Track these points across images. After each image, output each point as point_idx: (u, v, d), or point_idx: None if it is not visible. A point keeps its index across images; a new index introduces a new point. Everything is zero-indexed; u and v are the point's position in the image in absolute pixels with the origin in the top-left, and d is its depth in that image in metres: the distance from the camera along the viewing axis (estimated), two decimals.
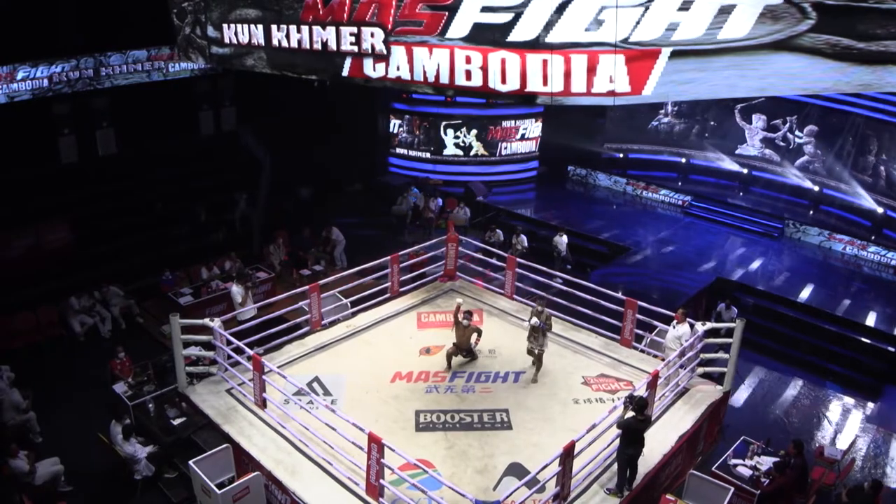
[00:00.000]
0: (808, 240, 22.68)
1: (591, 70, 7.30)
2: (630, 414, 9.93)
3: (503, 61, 7.88)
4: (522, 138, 27.39)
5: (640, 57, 6.94)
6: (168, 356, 13.02)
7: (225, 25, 10.81)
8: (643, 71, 6.96)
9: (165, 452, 11.82)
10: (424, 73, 8.75)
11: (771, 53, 5.87)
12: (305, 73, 9.94)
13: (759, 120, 25.42)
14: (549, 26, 7.41)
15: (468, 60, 8.18)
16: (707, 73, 6.16)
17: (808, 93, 6.06)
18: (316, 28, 9.07)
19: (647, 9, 6.75)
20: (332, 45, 8.96)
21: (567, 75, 7.50)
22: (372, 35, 8.31)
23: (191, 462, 10.49)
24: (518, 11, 7.54)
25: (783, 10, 5.75)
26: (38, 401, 13.25)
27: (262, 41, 10.13)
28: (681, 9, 6.50)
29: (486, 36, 7.90)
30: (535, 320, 12.84)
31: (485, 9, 7.79)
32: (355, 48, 8.61)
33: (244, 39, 10.48)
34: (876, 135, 22.57)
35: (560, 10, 7.28)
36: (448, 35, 8.22)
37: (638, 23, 6.85)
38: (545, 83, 7.66)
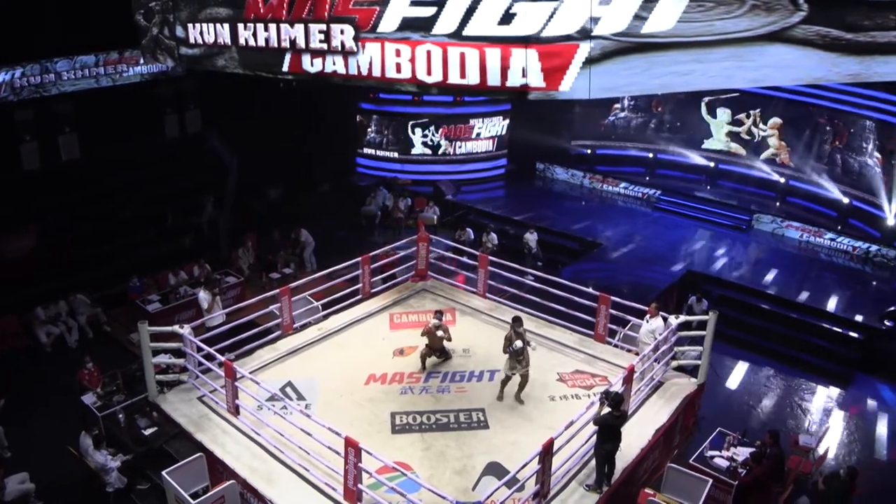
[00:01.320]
0: (762, 227, 23.18)
1: (505, 64, 7.41)
2: (606, 410, 9.91)
3: (428, 53, 8.08)
4: (478, 137, 27.22)
5: (554, 52, 7.01)
6: (137, 365, 12.71)
7: (190, 25, 10.60)
8: (559, 66, 7.03)
9: (137, 463, 11.55)
10: (358, 66, 8.92)
11: (765, 45, 5.96)
12: (280, 74, 9.82)
13: (723, 114, 25.67)
14: (465, 20, 7.56)
15: (398, 53, 8.38)
16: (706, 65, 6.20)
17: (802, 83, 6.15)
18: (284, 26, 8.98)
19: (560, 3, 6.85)
20: (301, 44, 8.86)
21: (482, 68, 7.62)
22: (342, 32, 8.21)
23: (164, 472, 10.23)
24: (440, 4, 7.72)
25: (776, 2, 5.86)
26: (5, 413, 12.93)
27: (228, 40, 9.96)
28: (602, 3, 6.57)
29: (414, 29, 8.13)
30: (518, 343, 11.90)
31: (413, 3, 8.02)
32: (325, 45, 8.50)
33: (210, 39, 10.29)
34: (838, 126, 22.91)
35: (475, 3, 7.44)
36: (379, 29, 8.45)
37: (551, 17, 6.94)
38: (462, 76, 7.82)
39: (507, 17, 7.20)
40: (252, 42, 9.47)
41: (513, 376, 12.10)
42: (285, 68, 9.83)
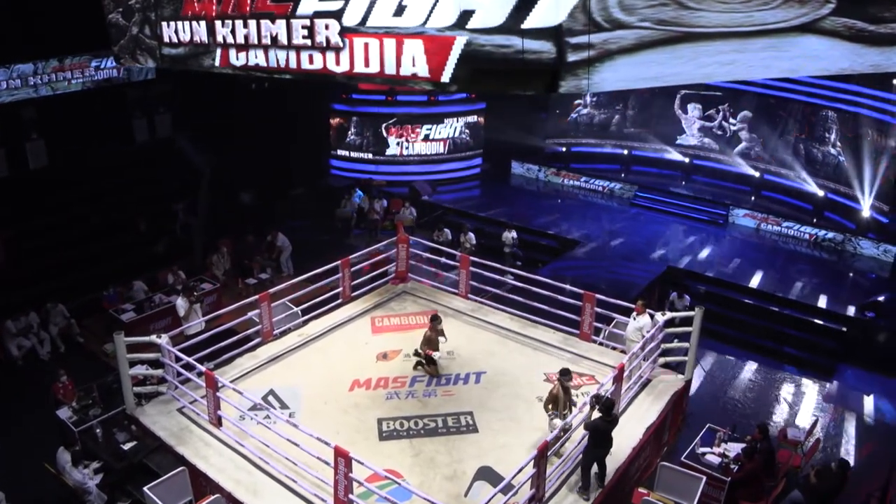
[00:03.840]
0: (738, 222, 23.39)
1: (399, 54, 7.73)
2: (597, 415, 9.78)
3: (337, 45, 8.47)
4: (426, 139, 26.94)
5: (436, 43, 7.29)
6: (113, 377, 12.32)
7: (164, 24, 10.30)
8: (441, 57, 7.27)
9: (117, 479, 11.17)
10: (277, 59, 9.23)
11: (798, 36, 6.17)
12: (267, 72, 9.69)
13: (694, 109, 25.78)
14: (368, 12, 7.88)
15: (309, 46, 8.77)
16: (746, 55, 6.36)
17: (830, 73, 6.55)
18: (265, 22, 8.82)
19: None
20: (283, 40, 8.68)
21: (381, 58, 7.95)
22: (326, 27, 8.05)
23: (145, 488, 9.91)
24: None
25: None
26: None
27: (205, 38, 9.68)
28: None
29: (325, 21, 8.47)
30: (556, 421, 10.37)
31: None
32: (308, 41, 8.36)
33: (185, 38, 10.01)
34: (809, 119, 23.11)
35: None
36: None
37: (432, 10, 7.19)
38: (366, 65, 8.14)
39: (399, 10, 7.52)
40: (237, 40, 9.28)
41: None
42: (217, 63, 10.10)
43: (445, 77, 7.25)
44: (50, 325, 16.45)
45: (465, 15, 6.89)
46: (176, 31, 10.12)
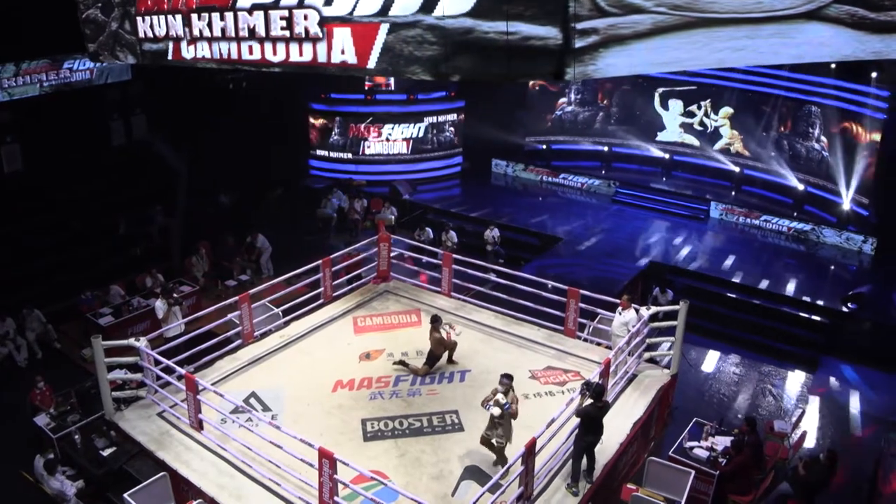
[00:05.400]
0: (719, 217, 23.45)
1: (329, 42, 7.93)
2: (588, 401, 9.66)
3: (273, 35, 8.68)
4: (388, 139, 26.67)
5: (362, 31, 7.51)
6: (92, 382, 12.07)
7: (139, 18, 10.09)
8: (366, 44, 7.49)
9: (97, 486, 10.91)
10: (220, 51, 9.42)
11: (805, 23, 6.27)
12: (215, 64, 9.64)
13: (676, 105, 25.81)
14: (301, 1, 8.08)
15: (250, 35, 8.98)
16: (756, 41, 6.47)
17: (835, 59, 6.69)
18: (242, 14, 8.71)
19: None
20: (261, 32, 8.53)
21: (314, 46, 8.15)
22: (305, 18, 7.93)
23: (125, 495, 9.65)
24: None
25: None
26: None
27: (180, 32, 9.51)
28: None
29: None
30: (495, 409, 9.81)
31: None
32: (287, 33, 8.24)
33: (161, 32, 9.83)
34: (789, 114, 23.21)
35: None
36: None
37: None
38: (300, 54, 8.36)
39: (328, 0, 7.75)
40: (214, 33, 9.21)
41: (490, 442, 10.17)
42: (170, 56, 10.28)
43: (371, 63, 7.52)
44: (27, 331, 16.08)
45: (387, 4, 7.17)
46: (151, 26, 9.96)
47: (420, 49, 7.05)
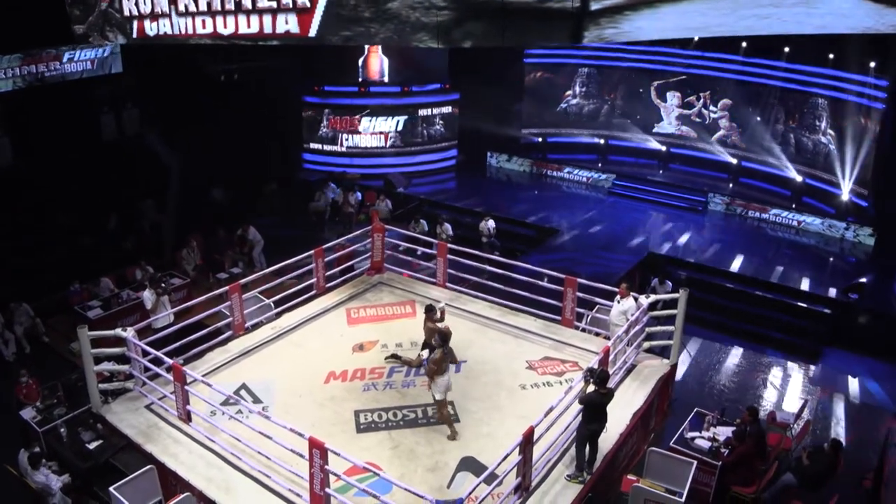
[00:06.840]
0: (717, 208, 23.29)
1: (275, 14, 8.67)
2: (591, 388, 9.39)
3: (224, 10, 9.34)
4: (366, 132, 26.41)
5: (303, 9, 8.62)
6: (78, 374, 11.74)
7: None
8: (307, 19, 8.53)
9: (83, 480, 10.61)
10: (180, 27, 9.97)
11: None
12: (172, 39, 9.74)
13: (673, 97, 25.59)
14: None
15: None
16: (781, 9, 6.64)
17: (857, 31, 6.69)
18: None
19: None
20: (248, 4, 8.34)
21: (260, 21, 8.85)
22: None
23: (111, 488, 9.35)
24: None
25: None
26: None
27: (165, 9, 9.31)
28: None
29: None
30: (424, 351, 11.10)
31: None
32: (274, 4, 8.06)
33: (146, 9, 9.62)
34: (788, 105, 23.02)
35: None
36: None
37: None
38: (248, 26, 9.08)
39: None
40: (200, 7, 9.13)
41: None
42: (134, 35, 10.82)
43: (313, 31, 8.41)
44: (15, 324, 15.81)
45: None
46: (137, 4, 9.85)
47: (427, 15, 6.81)
